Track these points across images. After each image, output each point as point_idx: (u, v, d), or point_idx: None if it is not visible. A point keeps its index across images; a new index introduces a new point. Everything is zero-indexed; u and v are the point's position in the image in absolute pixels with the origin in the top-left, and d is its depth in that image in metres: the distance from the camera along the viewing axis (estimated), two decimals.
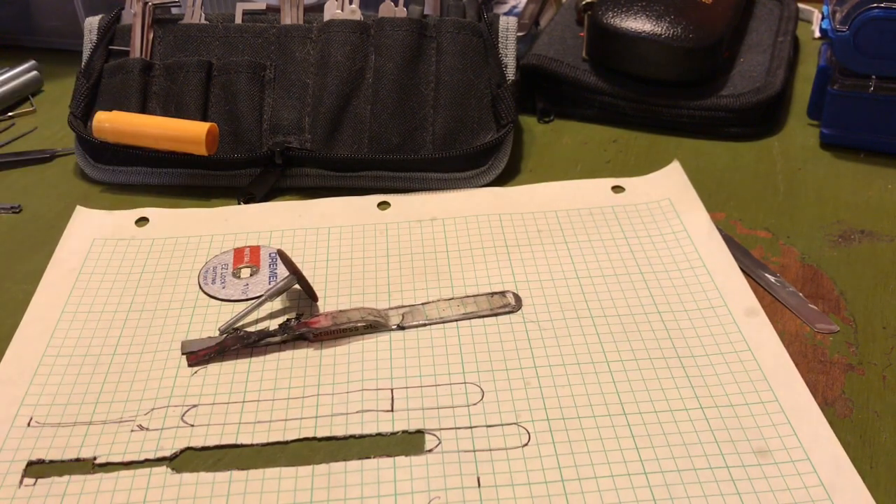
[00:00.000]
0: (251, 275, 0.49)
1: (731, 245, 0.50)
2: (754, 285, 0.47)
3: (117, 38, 0.62)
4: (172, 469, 0.38)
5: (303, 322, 0.44)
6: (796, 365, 0.42)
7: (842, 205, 0.54)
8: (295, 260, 0.47)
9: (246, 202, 0.56)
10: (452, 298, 0.47)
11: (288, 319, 0.45)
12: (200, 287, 0.48)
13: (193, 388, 0.42)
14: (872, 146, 0.59)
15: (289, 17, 0.61)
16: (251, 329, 0.45)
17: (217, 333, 0.45)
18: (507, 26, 0.61)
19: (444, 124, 0.57)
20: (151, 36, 0.61)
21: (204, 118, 0.58)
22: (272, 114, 0.58)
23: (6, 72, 0.71)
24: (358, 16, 0.60)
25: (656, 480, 0.36)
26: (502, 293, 0.47)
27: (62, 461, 0.38)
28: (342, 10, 0.60)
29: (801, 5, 0.76)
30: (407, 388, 0.41)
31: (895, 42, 0.55)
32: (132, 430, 0.40)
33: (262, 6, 0.62)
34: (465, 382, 0.42)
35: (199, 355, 0.43)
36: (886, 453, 0.38)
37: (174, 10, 0.63)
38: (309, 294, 0.47)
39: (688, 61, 0.61)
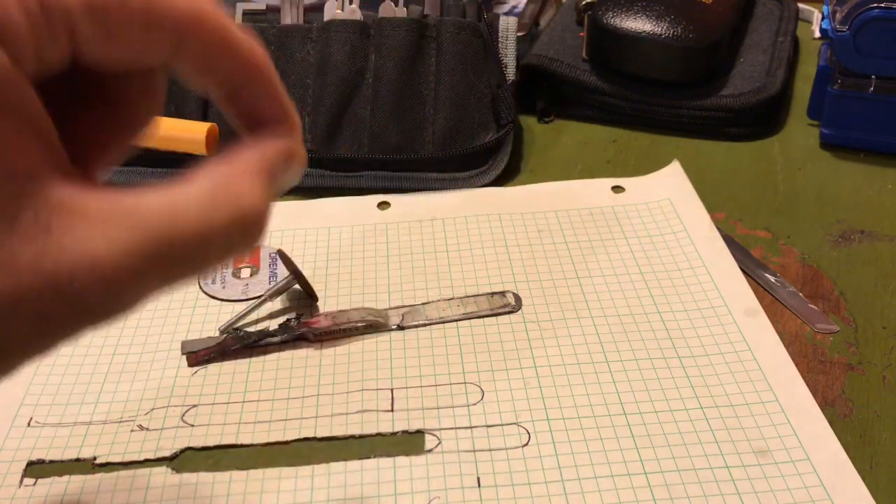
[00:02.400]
0: (251, 275, 0.49)
1: (731, 245, 0.50)
2: (754, 285, 0.47)
3: None
4: (172, 469, 0.38)
5: (303, 322, 0.44)
6: (796, 365, 0.42)
7: (842, 205, 0.54)
8: (295, 260, 0.47)
9: None
10: (452, 298, 0.47)
11: (288, 319, 0.45)
12: (200, 287, 0.48)
13: (193, 388, 0.42)
14: (872, 146, 0.59)
15: (289, 17, 0.61)
16: (251, 329, 0.45)
17: (217, 333, 0.45)
18: (507, 26, 0.61)
19: (444, 124, 0.57)
20: None
21: (204, 118, 0.58)
22: None
23: None
24: (358, 16, 0.60)
25: (656, 480, 0.36)
26: (502, 293, 0.47)
27: (62, 461, 0.38)
28: (342, 10, 0.60)
29: (801, 5, 0.76)
30: (407, 388, 0.41)
31: (895, 42, 0.55)
32: (132, 430, 0.40)
33: (262, 6, 0.62)
34: (465, 382, 0.42)
35: (199, 355, 0.43)
36: (886, 453, 0.38)
37: None
38: (309, 294, 0.47)
39: (688, 61, 0.61)
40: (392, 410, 0.40)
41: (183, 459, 0.38)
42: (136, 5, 0.21)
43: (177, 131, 0.56)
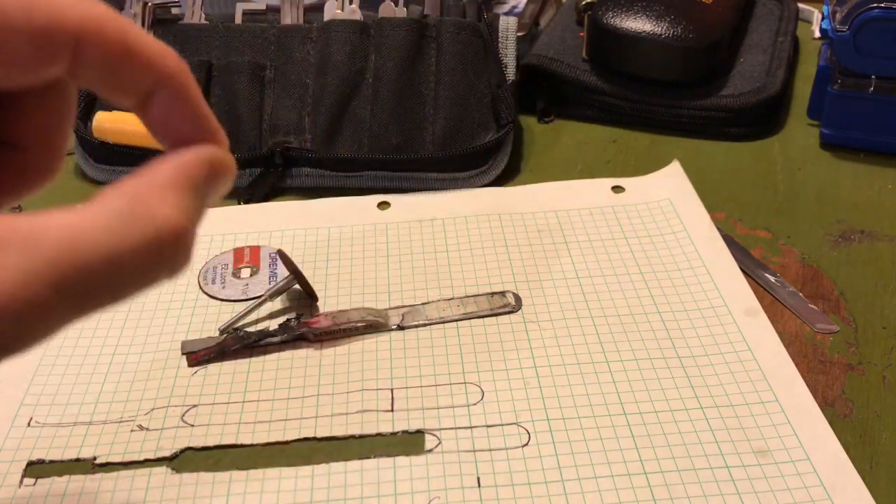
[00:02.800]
0: (251, 275, 0.49)
1: (731, 245, 0.50)
2: (754, 285, 0.47)
3: None
4: (172, 469, 0.38)
5: (303, 322, 0.44)
6: (796, 365, 0.42)
7: (842, 205, 0.54)
8: (295, 260, 0.47)
9: (246, 202, 0.56)
10: (452, 298, 0.47)
11: (288, 319, 0.45)
12: (200, 287, 0.48)
13: (193, 388, 0.42)
14: (872, 146, 0.59)
15: (289, 17, 0.61)
16: (251, 329, 0.45)
17: (217, 333, 0.45)
18: (507, 26, 0.61)
19: (444, 124, 0.57)
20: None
21: None
22: (272, 114, 0.58)
23: None
24: (358, 16, 0.60)
25: (656, 480, 0.36)
26: (502, 293, 0.47)
27: (62, 461, 0.38)
28: (342, 10, 0.60)
29: (801, 5, 0.76)
30: (407, 388, 0.41)
31: (895, 42, 0.55)
32: (132, 430, 0.40)
33: (262, 6, 0.62)
34: (465, 382, 0.42)
35: (199, 355, 0.43)
36: (886, 453, 0.38)
37: (174, 10, 0.63)
38: (309, 294, 0.47)
39: (688, 61, 0.61)
40: (392, 410, 0.40)
41: (183, 459, 0.38)
42: (18, 16, 0.20)
43: None
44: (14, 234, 0.19)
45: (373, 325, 0.45)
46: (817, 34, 0.74)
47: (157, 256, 0.21)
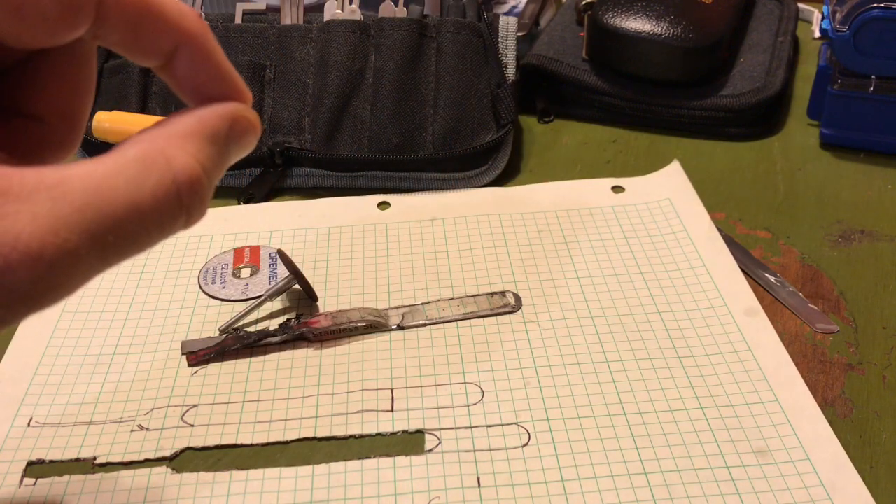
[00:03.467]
0: (251, 275, 0.49)
1: (731, 245, 0.50)
2: (754, 285, 0.47)
3: None
4: (172, 469, 0.38)
5: (303, 322, 0.44)
6: (796, 365, 0.42)
7: (842, 205, 0.54)
8: (295, 260, 0.47)
9: (246, 202, 0.56)
10: (452, 298, 0.47)
11: (288, 319, 0.45)
12: (200, 287, 0.48)
13: (193, 388, 0.42)
14: (872, 146, 0.59)
15: (289, 17, 0.61)
16: (251, 329, 0.45)
17: (217, 333, 0.45)
18: (507, 26, 0.61)
19: (444, 124, 0.57)
20: None
21: None
22: (272, 114, 0.58)
23: None
24: (358, 16, 0.60)
25: (656, 480, 0.36)
26: (502, 293, 0.47)
27: (62, 461, 0.38)
28: (342, 10, 0.60)
29: (801, 5, 0.76)
30: (407, 388, 0.41)
31: (895, 42, 0.55)
32: (132, 430, 0.40)
33: (262, 6, 0.62)
34: (465, 382, 0.42)
35: (199, 355, 0.43)
36: (886, 453, 0.38)
37: None
38: (309, 294, 0.47)
39: (688, 61, 0.61)
40: (392, 410, 0.40)
41: (183, 459, 0.38)
42: None
43: None
44: (41, 183, 0.19)
45: (373, 325, 0.45)
46: (817, 34, 0.74)
47: (174, 203, 0.21)
